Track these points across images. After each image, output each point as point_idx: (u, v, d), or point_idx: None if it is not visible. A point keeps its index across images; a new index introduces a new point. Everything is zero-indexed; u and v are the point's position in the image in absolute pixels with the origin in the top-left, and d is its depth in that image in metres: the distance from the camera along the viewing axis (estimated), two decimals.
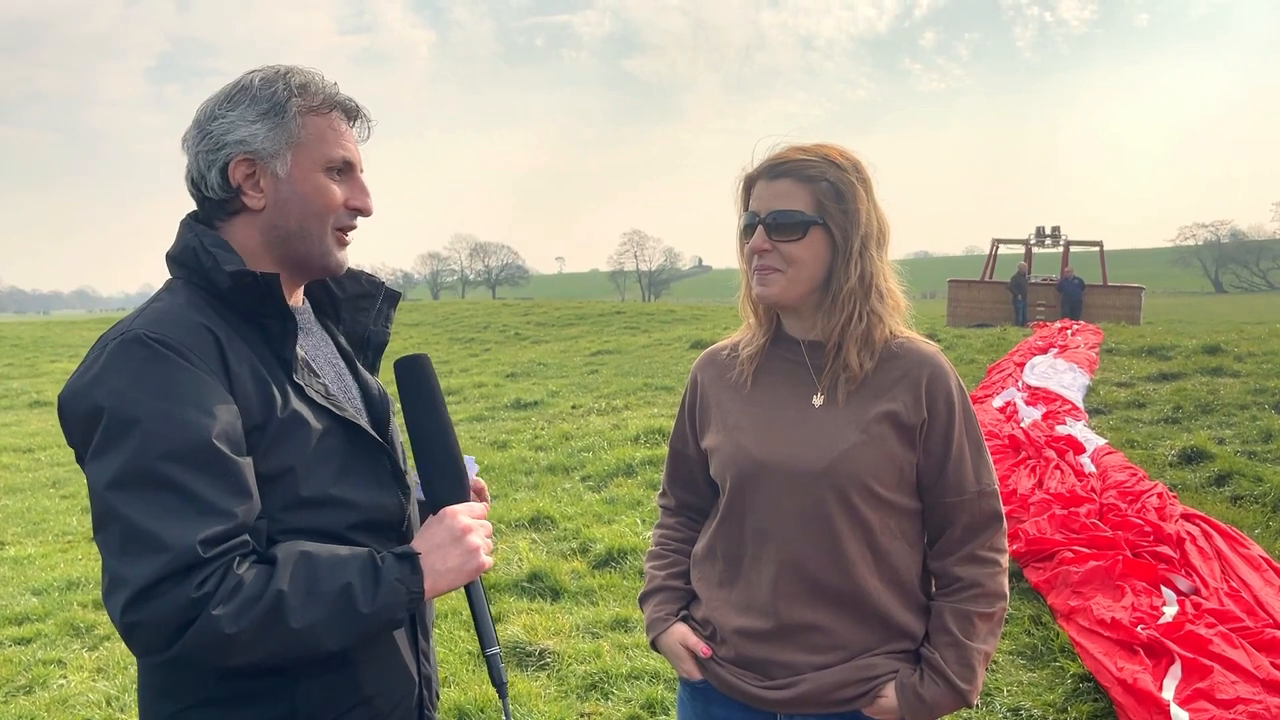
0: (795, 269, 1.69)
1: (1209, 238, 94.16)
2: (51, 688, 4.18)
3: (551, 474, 7.71)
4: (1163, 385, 9.65)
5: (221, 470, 1.26)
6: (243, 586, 1.23)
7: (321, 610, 1.26)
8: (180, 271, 1.45)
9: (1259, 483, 5.94)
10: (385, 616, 1.31)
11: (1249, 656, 3.55)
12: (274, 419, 1.36)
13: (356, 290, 1.64)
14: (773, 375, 1.79)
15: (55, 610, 5.16)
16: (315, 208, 1.46)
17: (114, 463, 1.23)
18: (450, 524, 1.42)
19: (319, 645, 1.27)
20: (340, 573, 1.29)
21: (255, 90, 1.43)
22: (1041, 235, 25.26)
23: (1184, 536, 4.82)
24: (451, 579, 1.39)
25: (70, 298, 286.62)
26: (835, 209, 1.68)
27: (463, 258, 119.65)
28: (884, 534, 1.71)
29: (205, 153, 1.43)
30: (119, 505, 1.21)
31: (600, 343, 19.62)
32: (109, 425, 1.24)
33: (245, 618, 1.21)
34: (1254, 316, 23.73)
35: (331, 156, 1.46)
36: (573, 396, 11.94)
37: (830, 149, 1.72)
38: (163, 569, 1.18)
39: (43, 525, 7.37)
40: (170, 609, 1.19)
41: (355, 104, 1.52)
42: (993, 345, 13.89)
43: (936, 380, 1.71)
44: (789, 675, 1.72)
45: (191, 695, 1.37)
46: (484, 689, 3.82)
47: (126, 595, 1.18)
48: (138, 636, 1.21)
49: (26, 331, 27.63)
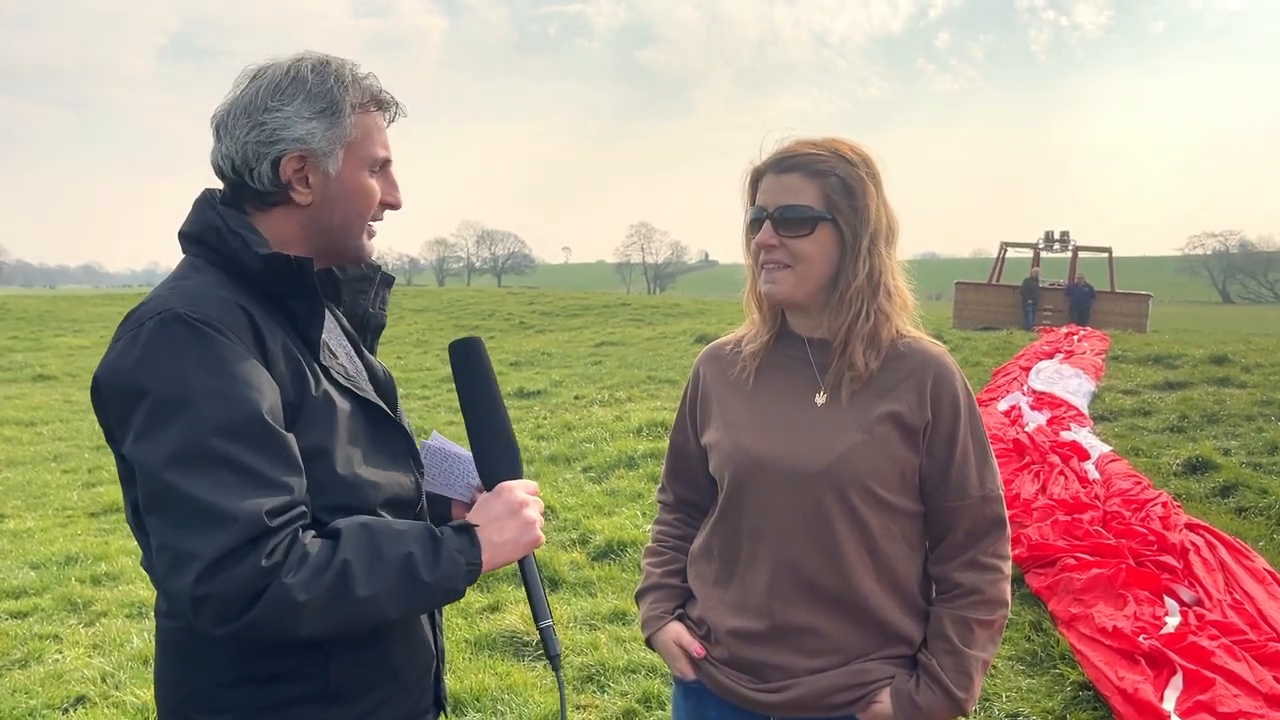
0: (803, 265, 1.66)
1: (1218, 247, 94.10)
2: (47, 662, 4.17)
3: (553, 464, 7.69)
4: (1169, 394, 9.62)
5: (275, 445, 1.28)
6: (310, 556, 1.25)
7: (385, 579, 1.28)
8: (199, 250, 1.44)
9: (1264, 495, 5.91)
10: (445, 586, 1.33)
11: (1252, 670, 3.53)
12: (309, 398, 1.37)
13: (356, 273, 1.65)
14: (776, 372, 1.76)
15: (53, 585, 5.15)
16: (359, 206, 1.48)
17: (168, 442, 1.23)
18: (507, 498, 1.45)
19: (382, 614, 1.28)
20: (401, 543, 1.31)
21: (310, 84, 1.42)
22: (1050, 240, 25.15)
23: (1188, 547, 4.79)
24: (509, 551, 1.42)
25: (77, 272, 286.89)
26: (845, 205, 1.64)
27: (469, 245, 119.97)
28: (883, 537, 1.68)
29: (257, 144, 1.41)
30: (179, 483, 1.21)
31: (605, 334, 19.61)
32: (157, 405, 1.24)
33: (314, 586, 1.23)
34: (1261, 328, 23.67)
35: (376, 155, 1.48)
36: (576, 387, 11.93)
37: (840, 143, 1.69)
38: (233, 540, 1.19)
39: (43, 499, 7.37)
40: (243, 579, 1.19)
41: (392, 97, 1.53)
42: (999, 348, 13.86)
43: (942, 381, 1.68)
44: (783, 678, 1.70)
45: (225, 674, 1.38)
46: (479, 677, 3.81)
47: (197, 569, 1.18)
48: (209, 609, 1.20)
49: (32, 305, 27.67)
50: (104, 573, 5.35)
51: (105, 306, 27.21)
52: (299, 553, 1.24)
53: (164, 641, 1.45)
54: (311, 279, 1.41)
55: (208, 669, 1.39)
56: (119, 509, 6.85)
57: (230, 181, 1.46)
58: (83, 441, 9.69)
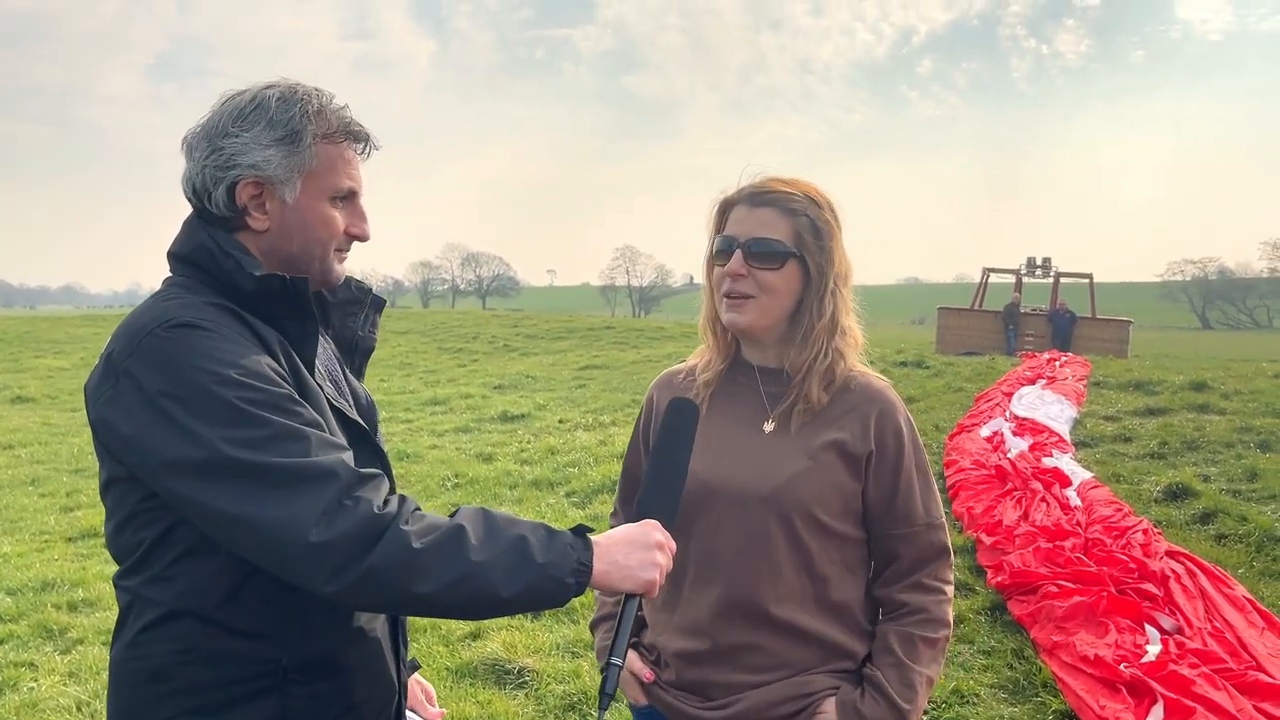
0: (769, 298, 1.72)
1: (1197, 274, 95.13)
2: (22, 690, 4.12)
3: (536, 489, 7.67)
4: (1149, 420, 9.67)
5: (317, 420, 1.33)
6: (425, 516, 1.29)
7: (498, 550, 1.29)
8: (188, 270, 1.45)
9: (1243, 522, 5.94)
10: (553, 574, 1.31)
11: (1231, 699, 3.54)
12: (311, 402, 1.40)
13: (346, 296, 1.66)
14: (726, 400, 1.82)
15: (29, 611, 5.09)
16: (318, 235, 1.48)
17: (218, 429, 1.24)
18: (646, 530, 1.46)
19: (493, 586, 1.28)
20: (515, 526, 1.34)
21: (273, 112, 1.43)
22: (1032, 266, 25.36)
23: (1168, 574, 4.81)
24: (622, 575, 1.40)
25: (58, 293, 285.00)
26: (813, 244, 1.72)
27: (454, 267, 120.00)
28: (823, 561, 1.73)
29: (214, 168, 1.43)
30: (256, 458, 1.23)
31: (589, 357, 19.59)
32: (197, 401, 1.25)
33: (430, 538, 1.25)
34: (1240, 354, 23.86)
35: (339, 186, 1.49)
36: (560, 410, 11.91)
37: (809, 186, 1.76)
38: (339, 488, 1.23)
39: (19, 524, 7.29)
40: (360, 521, 1.22)
41: (365, 131, 1.53)
42: (981, 374, 13.91)
43: (886, 416, 1.75)
44: (727, 694, 1.74)
45: (175, 706, 1.37)
46: (460, 705, 3.78)
47: (311, 519, 1.21)
48: (331, 557, 1.21)
49: (11, 326, 27.42)
50: (81, 599, 5.29)
51: (86, 328, 26.98)
52: (412, 507, 1.28)
53: (118, 673, 1.44)
54: (307, 299, 1.43)
55: (162, 699, 1.38)
56: (97, 534, 6.78)
57: (194, 205, 1.47)
58: (61, 465, 9.59)
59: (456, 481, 8.06)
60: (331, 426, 1.41)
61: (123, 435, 1.29)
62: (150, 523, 1.36)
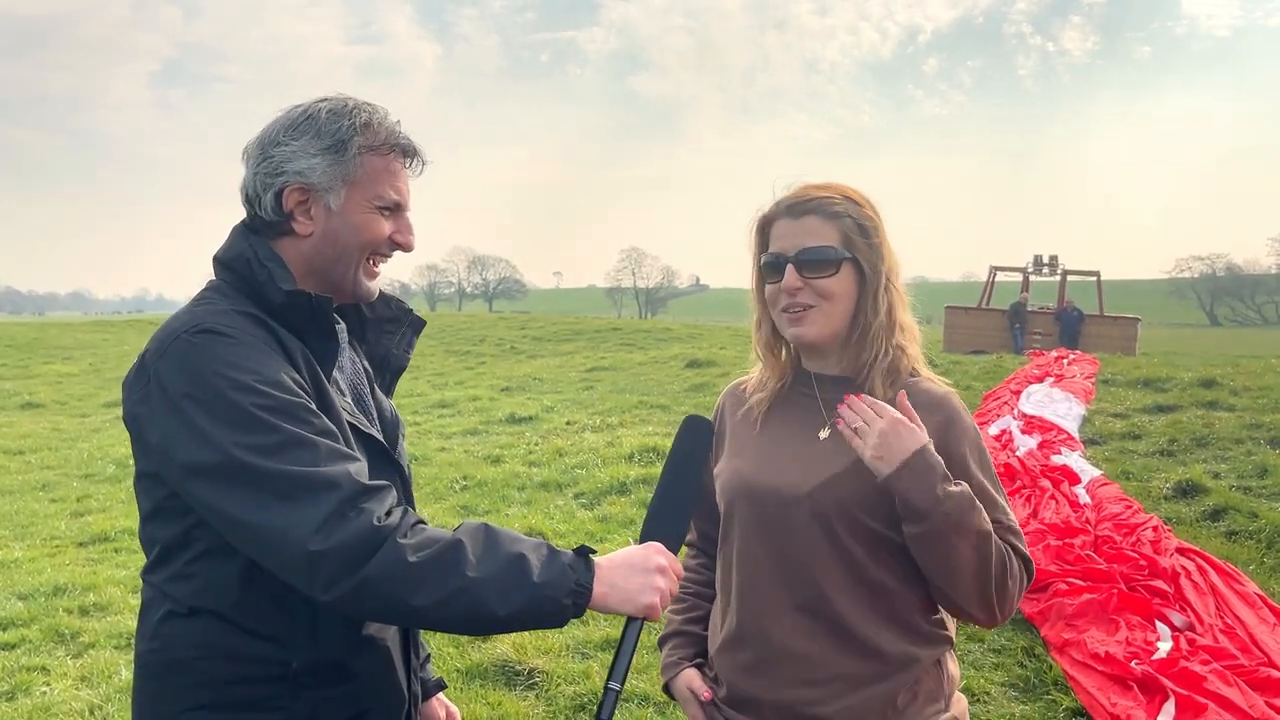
0: (830, 304, 1.68)
1: (1205, 271, 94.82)
2: (34, 695, 4.13)
3: (544, 490, 7.67)
4: (1158, 417, 9.65)
5: (331, 429, 1.36)
6: (424, 529, 1.31)
7: (496, 567, 1.30)
8: (227, 276, 1.50)
9: (1254, 518, 5.92)
10: (549, 594, 1.31)
11: (1243, 695, 3.53)
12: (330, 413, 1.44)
13: (385, 314, 1.70)
14: (785, 410, 1.79)
15: (41, 616, 5.11)
16: (359, 241, 1.52)
17: (232, 433, 1.28)
18: (646, 553, 1.45)
19: (488, 603, 1.28)
20: (515, 544, 1.34)
21: (321, 123, 1.49)
22: (1039, 264, 25.31)
23: (1179, 571, 4.80)
24: (621, 598, 1.39)
25: (66, 299, 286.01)
26: (863, 244, 1.68)
27: (461, 270, 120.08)
28: (874, 568, 1.65)
29: (264, 175, 1.49)
30: (264, 465, 1.27)
31: (596, 359, 19.59)
32: (214, 406, 1.29)
33: (426, 551, 1.27)
34: (1249, 350, 23.78)
35: (384, 196, 1.52)
36: (567, 412, 11.91)
37: (844, 187, 1.73)
38: (341, 498, 1.26)
39: (31, 529, 7.32)
40: (358, 532, 1.25)
41: (414, 145, 1.57)
42: (989, 372, 13.89)
43: (953, 424, 1.68)
44: (778, 716, 1.68)
45: (191, 699, 1.41)
46: (470, 706, 3.78)
47: (311, 528, 1.24)
48: (326, 566, 1.24)
49: (20, 333, 27.54)
50: (92, 603, 5.31)
51: (94, 334, 27.10)
52: (412, 521, 1.30)
53: (141, 665, 1.49)
54: (328, 318, 1.48)
55: (180, 692, 1.42)
56: (108, 538, 6.81)
57: (247, 210, 1.53)
58: (71, 470, 9.62)
59: (465, 484, 8.07)
60: (347, 438, 1.43)
61: (151, 435, 1.35)
62: (171, 520, 1.41)
